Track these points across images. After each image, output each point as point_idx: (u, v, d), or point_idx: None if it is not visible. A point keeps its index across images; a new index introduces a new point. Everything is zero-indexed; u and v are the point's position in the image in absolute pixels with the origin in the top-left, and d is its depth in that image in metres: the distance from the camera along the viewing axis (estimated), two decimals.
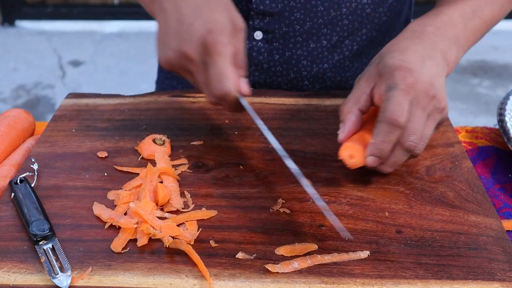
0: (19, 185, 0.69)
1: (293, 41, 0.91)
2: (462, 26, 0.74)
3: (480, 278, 0.59)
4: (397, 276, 0.59)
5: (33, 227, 0.63)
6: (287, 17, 0.88)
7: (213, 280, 0.58)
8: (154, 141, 0.77)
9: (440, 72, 0.68)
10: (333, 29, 0.91)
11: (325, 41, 0.91)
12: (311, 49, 0.92)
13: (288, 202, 0.69)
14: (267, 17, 0.88)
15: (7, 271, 0.59)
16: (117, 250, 0.61)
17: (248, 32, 0.90)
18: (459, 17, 0.75)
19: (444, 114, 0.68)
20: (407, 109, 0.64)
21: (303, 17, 0.88)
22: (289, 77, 0.94)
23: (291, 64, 0.93)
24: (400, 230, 0.65)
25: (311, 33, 0.90)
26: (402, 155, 0.68)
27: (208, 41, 0.63)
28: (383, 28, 0.95)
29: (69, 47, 3.35)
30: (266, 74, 0.94)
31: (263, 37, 0.91)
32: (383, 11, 0.93)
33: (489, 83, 3.05)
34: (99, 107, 0.87)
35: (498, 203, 0.74)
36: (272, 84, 0.96)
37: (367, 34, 0.94)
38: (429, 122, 0.67)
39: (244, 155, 0.77)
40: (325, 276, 0.59)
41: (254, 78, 0.95)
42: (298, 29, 0.90)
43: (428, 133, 0.67)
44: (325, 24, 0.90)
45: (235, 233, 0.64)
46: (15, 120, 0.82)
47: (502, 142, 0.85)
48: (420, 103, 0.65)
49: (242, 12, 0.89)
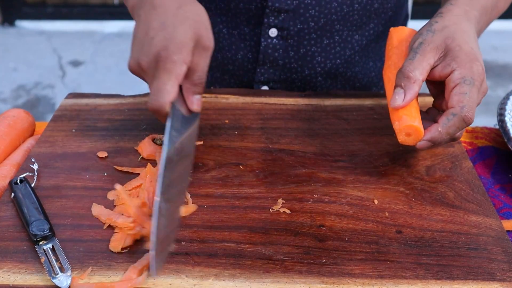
0: (19, 185, 0.69)
1: (308, 38, 0.92)
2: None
3: (480, 278, 0.59)
4: (397, 276, 0.59)
5: (33, 227, 0.63)
6: (302, 14, 0.89)
7: (213, 280, 0.58)
8: (154, 141, 0.77)
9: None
10: (345, 25, 0.92)
11: (337, 36, 0.93)
12: (324, 45, 0.93)
13: (288, 202, 0.69)
14: (282, 14, 0.89)
15: (7, 271, 0.59)
16: (117, 249, 0.61)
17: (263, 30, 0.91)
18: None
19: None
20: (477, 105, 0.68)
21: (317, 14, 0.89)
22: (304, 73, 0.95)
23: (306, 60, 0.94)
24: (400, 230, 0.65)
25: (325, 29, 0.91)
26: (449, 139, 0.70)
27: (160, 56, 0.64)
28: (388, 23, 0.97)
29: (69, 47, 3.35)
30: (281, 71, 0.95)
31: (278, 34, 0.91)
32: (390, 7, 0.94)
33: (489, 83, 3.05)
34: (99, 107, 0.87)
35: (498, 203, 0.74)
36: (287, 80, 0.96)
37: (374, 29, 0.95)
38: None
39: (244, 155, 0.77)
40: (325, 276, 0.59)
41: (269, 75, 0.96)
42: (313, 26, 0.90)
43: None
44: (338, 20, 0.91)
45: (235, 233, 0.64)
46: (15, 120, 0.82)
47: (502, 142, 0.85)
48: (481, 91, 0.68)
49: (257, 10, 0.89)
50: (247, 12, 0.90)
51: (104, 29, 3.58)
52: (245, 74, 0.97)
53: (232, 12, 0.92)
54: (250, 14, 0.90)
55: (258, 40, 0.92)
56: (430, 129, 0.67)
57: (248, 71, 0.97)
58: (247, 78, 0.98)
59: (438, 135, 0.67)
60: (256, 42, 0.93)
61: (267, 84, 0.97)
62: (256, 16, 0.90)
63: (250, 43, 0.94)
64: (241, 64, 0.96)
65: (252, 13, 0.90)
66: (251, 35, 0.93)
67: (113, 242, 0.62)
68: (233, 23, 0.93)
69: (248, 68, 0.96)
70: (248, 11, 0.90)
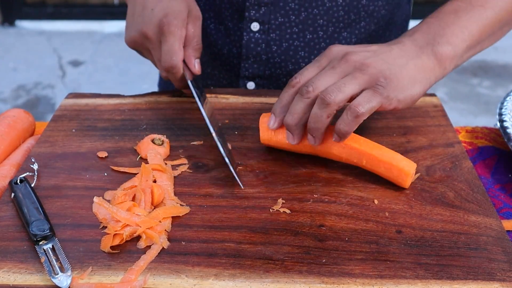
0: (19, 185, 0.69)
1: (290, 31, 0.92)
2: (452, 19, 0.74)
3: (480, 278, 0.59)
4: (397, 276, 0.59)
5: (33, 227, 0.63)
6: (282, 7, 0.90)
7: (213, 280, 0.58)
8: (153, 141, 0.77)
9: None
10: (329, 20, 0.91)
11: (321, 32, 0.92)
12: (307, 40, 0.93)
13: (288, 202, 0.69)
14: (262, 8, 0.90)
15: (7, 271, 0.59)
16: (106, 249, 0.61)
17: (245, 24, 0.92)
18: (448, 14, 0.75)
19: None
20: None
21: (297, 7, 0.89)
22: (288, 68, 0.95)
23: (289, 55, 0.94)
24: (400, 230, 0.65)
25: (307, 23, 0.91)
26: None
27: (163, 22, 0.75)
28: (382, 22, 0.96)
29: (69, 47, 3.35)
30: (265, 66, 0.95)
31: (259, 28, 0.92)
32: (381, 5, 0.93)
33: (489, 83, 3.05)
34: (99, 107, 0.87)
35: (498, 203, 0.74)
36: (272, 76, 0.96)
37: (365, 27, 0.94)
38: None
39: (244, 155, 0.77)
40: (325, 276, 0.59)
41: (253, 71, 0.96)
42: (294, 19, 0.91)
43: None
44: (320, 15, 0.91)
45: (235, 233, 0.64)
46: (15, 120, 0.82)
47: (502, 142, 0.85)
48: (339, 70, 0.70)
49: (239, 4, 0.91)
50: (231, 6, 0.92)
51: (104, 29, 3.58)
52: (232, 69, 0.98)
53: (218, 7, 0.94)
54: (234, 8, 0.91)
55: (241, 35, 0.93)
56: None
57: (234, 66, 0.98)
58: (233, 73, 0.98)
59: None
60: (240, 36, 0.93)
61: (253, 80, 0.97)
62: (239, 11, 0.92)
63: (234, 38, 0.95)
64: (227, 59, 0.97)
65: (235, 8, 0.91)
66: (234, 29, 0.94)
67: (103, 241, 0.62)
68: (219, 18, 0.95)
69: (234, 64, 0.97)
70: (232, 5, 0.91)
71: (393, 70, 0.68)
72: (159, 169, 0.71)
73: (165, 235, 0.63)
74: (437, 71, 0.72)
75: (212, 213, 0.67)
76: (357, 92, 0.68)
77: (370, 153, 0.70)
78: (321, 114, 0.68)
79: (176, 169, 0.74)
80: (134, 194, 0.68)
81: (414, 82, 0.70)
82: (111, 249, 0.61)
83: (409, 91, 0.69)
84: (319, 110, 0.68)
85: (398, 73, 0.68)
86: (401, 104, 0.69)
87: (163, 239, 0.62)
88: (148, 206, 0.66)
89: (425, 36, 0.73)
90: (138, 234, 0.63)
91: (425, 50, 0.72)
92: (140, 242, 0.62)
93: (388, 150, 0.71)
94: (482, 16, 0.75)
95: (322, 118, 0.68)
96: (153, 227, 0.63)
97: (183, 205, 0.68)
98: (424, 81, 0.71)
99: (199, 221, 0.66)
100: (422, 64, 0.71)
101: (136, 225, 0.63)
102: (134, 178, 0.72)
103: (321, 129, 0.69)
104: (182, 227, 0.65)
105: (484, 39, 0.77)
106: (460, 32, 0.73)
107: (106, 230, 0.63)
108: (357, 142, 0.71)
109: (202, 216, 0.67)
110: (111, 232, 0.62)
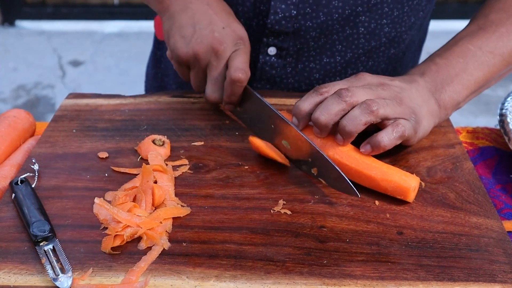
0: (19, 186, 0.69)
1: (307, 55, 0.91)
2: (461, 66, 0.78)
3: (481, 280, 0.59)
4: (398, 277, 0.59)
5: (33, 228, 0.62)
6: (303, 36, 0.88)
7: (214, 281, 0.58)
8: (154, 142, 0.77)
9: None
10: (348, 46, 0.90)
11: (339, 57, 0.91)
12: (324, 63, 0.91)
13: (289, 203, 0.69)
14: (282, 35, 0.88)
15: (8, 272, 0.59)
16: (107, 250, 0.61)
17: (262, 47, 0.90)
18: (457, 57, 0.78)
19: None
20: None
21: (318, 35, 0.88)
22: (301, 89, 0.94)
23: (303, 76, 0.93)
24: (401, 232, 0.65)
25: (325, 48, 0.90)
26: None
27: (239, 42, 0.80)
28: (402, 46, 0.94)
29: (69, 47, 3.35)
30: (278, 87, 0.94)
31: (277, 53, 0.90)
32: (404, 30, 0.91)
33: None
34: (99, 108, 0.87)
35: (499, 203, 0.74)
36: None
37: (384, 52, 0.92)
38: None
39: (245, 156, 0.77)
40: (326, 278, 0.59)
41: (265, 90, 0.94)
42: (313, 45, 0.89)
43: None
44: (340, 41, 0.89)
45: (236, 234, 0.64)
46: (15, 120, 0.82)
47: (503, 142, 0.85)
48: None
49: (257, 27, 0.89)
50: (247, 28, 0.87)
51: (104, 29, 3.58)
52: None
53: None
54: (250, 31, 0.88)
55: (256, 57, 0.91)
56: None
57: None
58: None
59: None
60: (255, 58, 0.91)
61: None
62: (256, 33, 0.89)
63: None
64: None
65: (252, 30, 0.89)
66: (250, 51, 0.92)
67: (104, 242, 0.62)
68: None
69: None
70: (249, 27, 0.88)
71: (417, 110, 0.73)
72: (160, 169, 0.71)
73: (166, 236, 0.63)
74: (441, 114, 0.77)
75: (213, 214, 0.67)
76: (392, 118, 0.71)
77: (370, 175, 0.70)
78: (360, 118, 0.69)
79: (177, 169, 0.74)
80: (135, 195, 0.68)
81: (428, 124, 0.75)
82: (112, 250, 0.61)
83: (425, 131, 0.75)
84: (360, 114, 0.69)
85: (420, 114, 0.74)
86: (416, 141, 0.75)
87: (164, 240, 0.62)
88: (149, 207, 0.66)
89: (434, 80, 0.77)
90: (139, 235, 0.63)
91: (432, 95, 0.76)
92: (141, 243, 0.62)
93: (388, 167, 0.70)
94: (490, 63, 0.78)
95: (360, 121, 0.69)
96: (154, 228, 0.63)
97: (184, 206, 0.68)
98: (431, 123, 0.76)
99: (200, 222, 0.66)
100: (430, 108, 0.75)
101: (137, 226, 0.63)
102: (135, 178, 0.72)
103: (353, 133, 0.70)
104: (183, 228, 0.65)
105: (490, 81, 0.81)
106: (467, 80, 0.78)
107: (107, 231, 0.63)
108: (360, 165, 0.71)
109: (203, 217, 0.67)
110: (112, 233, 0.62)
